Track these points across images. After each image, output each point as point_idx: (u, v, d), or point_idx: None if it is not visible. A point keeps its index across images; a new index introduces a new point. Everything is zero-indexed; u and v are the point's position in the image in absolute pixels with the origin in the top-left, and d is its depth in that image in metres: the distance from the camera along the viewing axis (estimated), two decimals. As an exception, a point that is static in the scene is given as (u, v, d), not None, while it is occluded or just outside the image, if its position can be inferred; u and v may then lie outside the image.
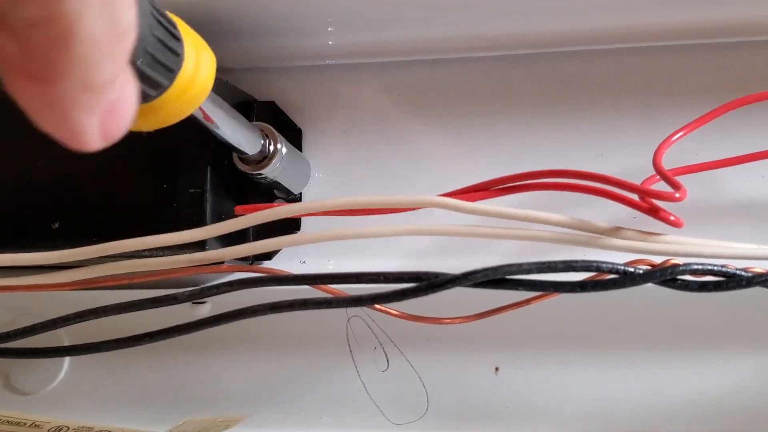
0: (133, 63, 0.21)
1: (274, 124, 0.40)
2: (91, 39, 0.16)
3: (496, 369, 0.43)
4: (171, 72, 0.23)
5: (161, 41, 0.22)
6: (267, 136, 0.36)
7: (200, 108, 0.28)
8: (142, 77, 0.22)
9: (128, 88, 0.20)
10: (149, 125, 0.24)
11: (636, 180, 0.33)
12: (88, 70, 0.17)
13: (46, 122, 0.18)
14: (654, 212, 0.30)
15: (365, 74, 0.43)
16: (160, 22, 0.22)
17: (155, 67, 0.22)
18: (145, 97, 0.23)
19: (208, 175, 0.34)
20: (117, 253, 0.30)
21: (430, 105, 0.42)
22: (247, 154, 0.35)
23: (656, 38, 0.40)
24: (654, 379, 0.42)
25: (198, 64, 0.24)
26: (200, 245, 0.32)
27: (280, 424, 0.45)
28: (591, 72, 0.41)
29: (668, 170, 0.33)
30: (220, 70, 0.37)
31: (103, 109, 0.19)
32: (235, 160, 0.36)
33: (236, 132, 0.32)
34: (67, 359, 0.47)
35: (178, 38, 0.23)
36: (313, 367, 0.45)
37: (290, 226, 0.40)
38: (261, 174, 0.36)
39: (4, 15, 0.15)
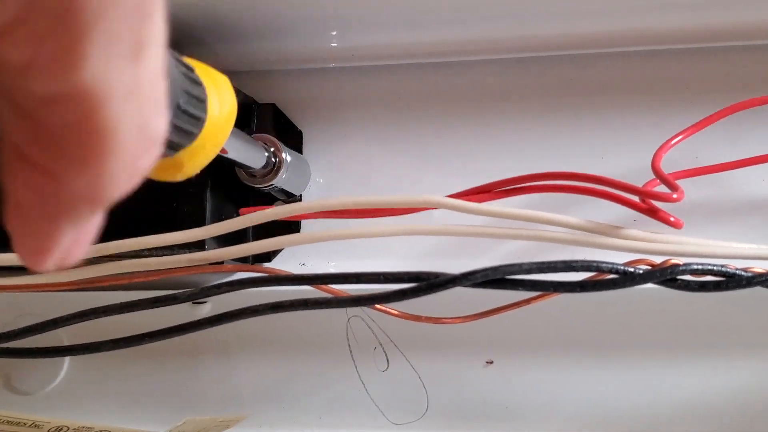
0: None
1: (275, 126, 0.40)
2: (113, 134, 0.14)
3: (488, 362, 0.43)
4: (199, 120, 0.22)
5: (188, 93, 0.21)
6: (270, 147, 0.35)
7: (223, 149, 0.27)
8: (178, 130, 0.21)
9: (97, 220, 0.17)
10: (183, 175, 0.23)
11: (638, 181, 0.33)
12: (102, 175, 0.14)
13: (21, 223, 0.15)
14: (653, 213, 0.31)
15: (367, 77, 0.43)
16: (184, 74, 0.21)
17: (187, 119, 0.21)
18: (176, 148, 0.22)
19: (209, 175, 0.34)
20: (116, 252, 0.30)
21: (432, 108, 0.42)
22: (253, 169, 0.34)
23: (657, 41, 0.40)
24: (654, 379, 0.42)
25: (221, 103, 0.23)
26: (200, 245, 0.32)
27: (280, 424, 0.45)
28: (593, 74, 0.41)
29: (670, 173, 0.34)
30: (222, 72, 0.37)
31: (79, 232, 0.16)
32: (241, 176, 0.35)
33: (243, 152, 0.32)
34: (67, 359, 0.47)
35: (199, 83, 0.22)
36: (313, 367, 0.45)
37: (290, 227, 0.40)
38: (271, 185, 0.35)
39: (12, 87, 0.13)
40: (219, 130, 0.23)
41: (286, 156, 0.36)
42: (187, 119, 0.21)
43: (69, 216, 0.15)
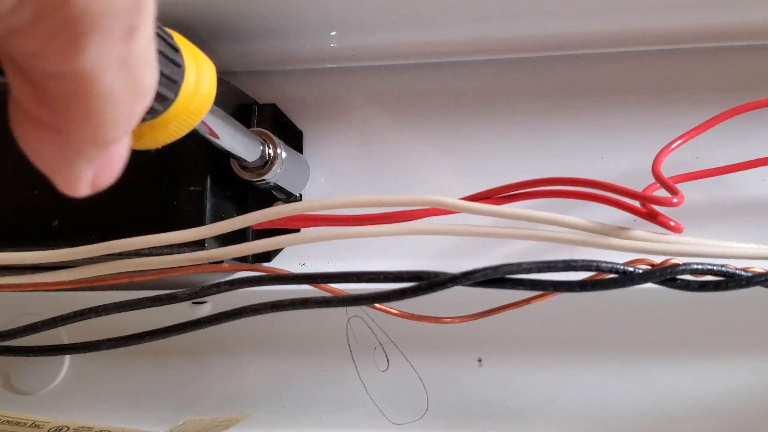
0: None
1: (275, 126, 0.40)
2: (108, 97, 0.17)
3: (479, 360, 0.43)
4: (175, 84, 0.22)
5: (162, 54, 0.21)
6: (266, 141, 0.35)
7: (206, 124, 0.27)
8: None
9: (126, 141, 0.20)
10: (155, 142, 0.24)
11: (638, 183, 0.33)
12: (102, 126, 0.17)
13: (45, 167, 0.18)
14: (654, 217, 0.31)
15: (367, 77, 0.43)
16: (158, 35, 0.21)
17: (161, 80, 0.21)
18: (151, 113, 0.22)
19: (209, 174, 0.34)
20: (117, 251, 0.30)
21: (431, 108, 0.42)
22: (246, 161, 0.34)
23: (657, 41, 0.40)
24: (654, 379, 0.42)
25: (199, 73, 0.24)
26: (200, 244, 0.32)
27: (280, 424, 0.45)
28: (593, 74, 0.41)
29: (670, 177, 0.34)
30: (222, 72, 0.37)
31: (101, 162, 0.19)
32: (235, 168, 0.35)
33: (235, 141, 0.32)
34: (67, 359, 0.47)
35: (176, 49, 0.23)
36: (313, 367, 0.45)
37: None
38: (263, 180, 0.35)
39: (25, 66, 0.16)
40: (196, 100, 0.23)
41: (281, 152, 0.36)
42: (162, 81, 0.22)
43: (81, 157, 0.18)
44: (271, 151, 0.35)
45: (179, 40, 0.23)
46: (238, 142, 0.32)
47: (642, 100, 0.41)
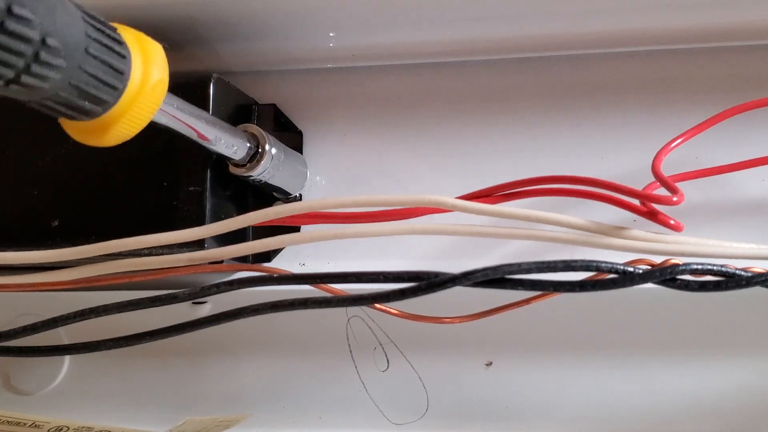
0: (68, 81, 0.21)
1: (275, 126, 0.40)
2: None
3: (488, 364, 0.43)
4: (121, 74, 0.23)
5: (105, 46, 0.22)
6: (255, 138, 0.35)
7: (177, 118, 0.27)
8: (97, 81, 0.22)
9: None
10: (116, 137, 0.24)
11: (638, 183, 0.33)
12: None
13: None
14: (653, 216, 0.31)
15: (366, 77, 0.43)
16: (99, 29, 0.22)
17: (106, 71, 0.22)
18: (102, 106, 0.22)
19: (208, 174, 0.34)
20: (116, 251, 0.30)
21: (432, 108, 0.42)
22: (233, 158, 0.34)
23: (657, 41, 0.40)
24: (654, 379, 0.42)
25: (147, 63, 0.24)
26: (200, 244, 0.32)
27: (280, 424, 0.45)
28: (593, 75, 0.41)
29: (670, 176, 0.34)
30: (222, 72, 0.37)
31: None
32: (229, 166, 0.36)
33: (214, 136, 0.31)
34: (67, 359, 0.47)
35: (120, 41, 0.23)
36: (313, 367, 0.45)
37: (290, 227, 0.40)
38: (251, 176, 0.35)
39: None
40: (146, 89, 0.23)
41: (270, 148, 0.36)
42: (108, 72, 0.22)
43: None
44: (258, 147, 0.35)
45: (125, 32, 0.23)
46: (219, 138, 0.32)
47: (642, 100, 0.41)
